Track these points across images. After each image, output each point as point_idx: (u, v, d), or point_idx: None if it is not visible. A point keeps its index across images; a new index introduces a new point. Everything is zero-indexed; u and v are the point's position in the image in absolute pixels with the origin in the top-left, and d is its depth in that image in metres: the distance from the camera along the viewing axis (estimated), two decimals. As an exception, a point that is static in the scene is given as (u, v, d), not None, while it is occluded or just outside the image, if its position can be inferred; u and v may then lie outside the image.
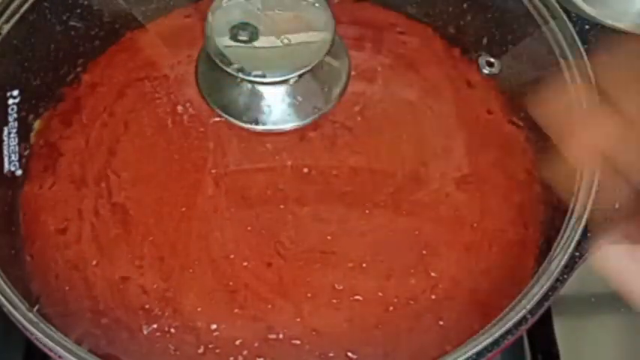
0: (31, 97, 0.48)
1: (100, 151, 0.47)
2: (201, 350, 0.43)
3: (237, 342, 0.43)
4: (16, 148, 0.46)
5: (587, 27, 0.48)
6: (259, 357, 0.43)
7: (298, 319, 0.43)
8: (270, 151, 0.46)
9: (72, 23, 0.50)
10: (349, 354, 0.43)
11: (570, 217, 0.43)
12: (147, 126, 0.48)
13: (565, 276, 0.42)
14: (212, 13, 0.44)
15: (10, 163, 0.46)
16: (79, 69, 0.50)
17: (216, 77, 0.46)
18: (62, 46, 0.49)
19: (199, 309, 0.43)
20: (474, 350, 0.40)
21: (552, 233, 0.44)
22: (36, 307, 0.42)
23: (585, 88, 0.45)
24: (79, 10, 0.50)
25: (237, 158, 0.46)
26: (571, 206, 0.44)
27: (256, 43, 0.44)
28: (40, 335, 0.40)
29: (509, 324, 0.41)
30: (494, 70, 0.50)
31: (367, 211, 0.45)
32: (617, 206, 0.44)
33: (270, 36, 0.44)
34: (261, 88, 0.45)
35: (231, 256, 0.44)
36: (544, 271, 0.42)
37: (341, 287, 0.44)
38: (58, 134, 0.48)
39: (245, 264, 0.44)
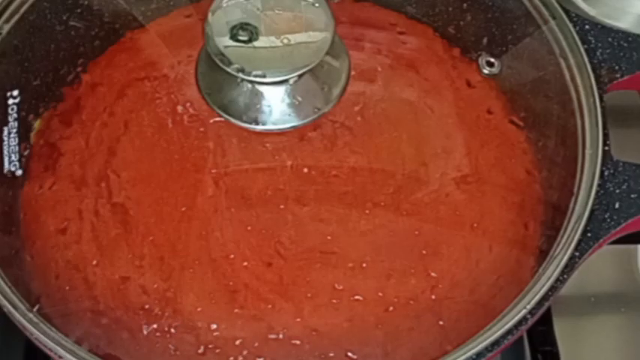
0: (31, 97, 0.48)
1: (100, 151, 0.47)
2: (201, 350, 0.43)
3: (237, 342, 0.43)
4: (16, 148, 0.46)
5: (587, 27, 0.48)
6: (259, 357, 0.43)
7: (298, 319, 0.43)
8: (270, 150, 0.46)
9: (72, 23, 0.50)
10: (349, 354, 0.43)
11: (570, 217, 0.43)
12: (147, 126, 0.48)
13: (565, 276, 0.42)
14: (212, 13, 0.44)
15: (10, 163, 0.46)
16: (79, 69, 0.50)
17: (216, 77, 0.46)
18: (62, 46, 0.49)
19: (199, 309, 0.43)
20: (474, 350, 0.40)
21: (552, 233, 0.44)
22: (36, 307, 0.42)
23: None
24: (79, 10, 0.50)
25: (237, 158, 0.46)
26: (571, 206, 0.44)
27: (256, 43, 0.44)
28: (40, 335, 0.41)
29: (510, 324, 0.41)
30: (494, 70, 0.50)
31: (367, 211, 0.45)
32: (617, 206, 0.44)
33: (270, 36, 0.44)
34: (261, 88, 0.45)
35: (231, 256, 0.44)
36: (544, 271, 0.42)
37: (341, 287, 0.44)
38: (58, 134, 0.48)
39: (245, 264, 0.44)
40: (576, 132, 0.46)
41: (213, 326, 0.43)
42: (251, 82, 0.44)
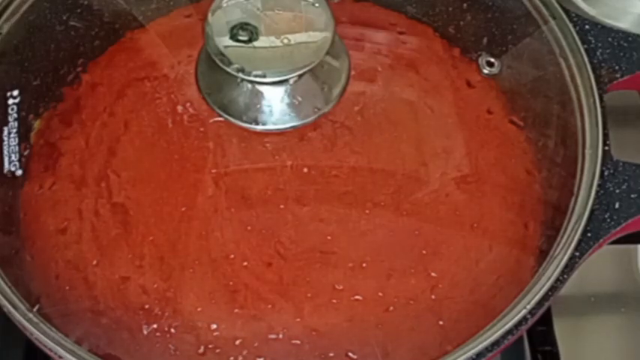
0: (31, 97, 0.48)
1: (100, 151, 0.47)
2: (201, 350, 0.43)
3: (237, 342, 0.43)
4: (16, 148, 0.46)
5: (587, 27, 0.48)
6: (259, 357, 0.43)
7: (298, 319, 0.43)
8: (270, 150, 0.46)
9: (72, 23, 0.50)
10: (349, 354, 0.43)
11: (570, 217, 0.43)
12: (147, 126, 0.48)
13: (565, 276, 0.42)
14: (212, 13, 0.44)
15: (10, 163, 0.46)
16: (79, 69, 0.50)
17: (216, 77, 0.46)
18: (62, 46, 0.49)
19: (199, 309, 0.43)
20: (474, 350, 0.40)
21: (552, 233, 0.44)
22: (36, 307, 0.42)
23: None
24: (79, 10, 0.50)
25: (237, 158, 0.46)
26: (571, 206, 0.44)
27: (256, 43, 0.44)
28: (40, 335, 0.41)
29: (510, 324, 0.41)
30: (494, 70, 0.50)
31: (367, 211, 0.45)
32: (617, 206, 0.44)
33: (270, 36, 0.44)
34: (261, 88, 0.45)
35: (231, 256, 0.44)
36: (544, 271, 0.42)
37: (341, 287, 0.44)
38: (58, 134, 0.48)
39: (245, 264, 0.44)
40: (576, 132, 0.46)
41: (213, 326, 0.43)
42: (251, 82, 0.44)
